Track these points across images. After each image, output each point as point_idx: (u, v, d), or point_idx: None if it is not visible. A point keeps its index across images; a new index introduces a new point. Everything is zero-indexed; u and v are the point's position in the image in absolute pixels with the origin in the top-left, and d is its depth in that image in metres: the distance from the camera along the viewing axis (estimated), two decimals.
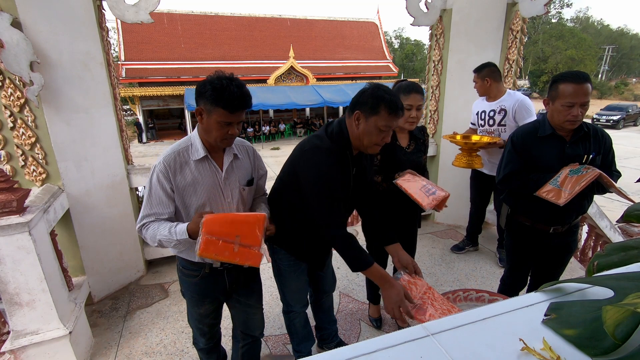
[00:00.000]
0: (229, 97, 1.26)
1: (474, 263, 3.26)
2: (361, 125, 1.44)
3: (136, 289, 2.95)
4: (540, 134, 1.84)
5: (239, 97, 1.29)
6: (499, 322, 0.63)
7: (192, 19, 22.65)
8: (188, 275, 1.57)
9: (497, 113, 2.89)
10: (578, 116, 1.67)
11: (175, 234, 1.36)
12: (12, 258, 1.85)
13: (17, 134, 2.29)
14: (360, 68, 24.74)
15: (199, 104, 1.32)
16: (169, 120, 22.41)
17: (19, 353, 1.96)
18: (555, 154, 1.80)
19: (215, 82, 1.27)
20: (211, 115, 1.30)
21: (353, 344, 0.58)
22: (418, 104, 1.88)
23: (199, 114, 1.34)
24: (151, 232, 1.39)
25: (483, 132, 3.00)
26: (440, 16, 3.63)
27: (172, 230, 1.37)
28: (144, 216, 1.42)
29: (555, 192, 1.66)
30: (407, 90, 1.89)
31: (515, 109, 2.78)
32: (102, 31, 2.66)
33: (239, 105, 1.30)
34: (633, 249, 0.73)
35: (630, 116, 21.58)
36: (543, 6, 2.88)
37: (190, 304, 1.66)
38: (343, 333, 2.38)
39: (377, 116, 1.39)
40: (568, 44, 33.46)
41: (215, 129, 1.33)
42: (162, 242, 1.39)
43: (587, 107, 1.69)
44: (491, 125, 2.96)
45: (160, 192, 1.38)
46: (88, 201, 2.64)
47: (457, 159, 2.96)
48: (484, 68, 2.86)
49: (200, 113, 1.33)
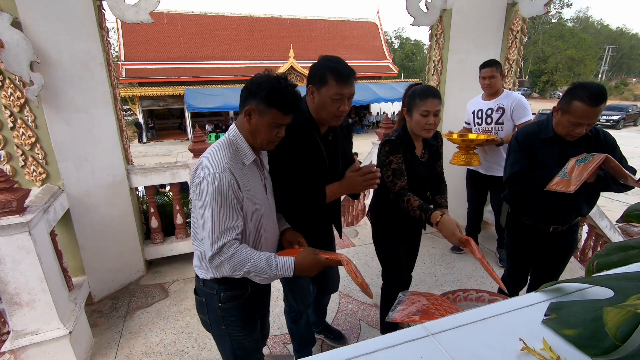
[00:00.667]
0: (286, 98, 1.19)
1: (474, 263, 3.25)
2: (316, 99, 1.45)
3: (136, 289, 2.95)
4: (542, 136, 1.83)
5: (296, 99, 1.22)
6: (499, 322, 0.63)
7: (192, 19, 22.66)
8: (233, 297, 1.35)
9: (495, 111, 2.91)
10: (582, 133, 1.68)
11: (277, 268, 1.19)
12: (12, 258, 1.85)
13: (17, 134, 2.29)
14: (360, 68, 24.69)
15: (249, 103, 1.21)
16: (169, 120, 22.43)
17: (19, 353, 1.96)
18: (556, 156, 1.80)
19: (273, 82, 1.19)
20: (264, 116, 1.21)
21: (353, 344, 0.58)
22: (436, 110, 1.69)
23: (247, 114, 1.22)
24: (239, 259, 1.17)
25: (480, 130, 3.02)
26: (440, 16, 3.63)
27: (271, 262, 1.19)
28: (223, 231, 1.16)
29: (564, 182, 1.62)
30: (424, 94, 1.69)
31: (513, 107, 2.82)
32: (102, 31, 2.66)
33: (295, 107, 1.23)
34: (633, 249, 0.73)
35: (630, 116, 21.58)
36: (543, 6, 2.88)
37: (239, 331, 1.40)
38: (347, 336, 2.38)
39: (326, 86, 1.41)
40: (568, 44, 33.47)
41: (265, 131, 1.23)
42: (249, 273, 1.19)
43: (594, 123, 1.67)
44: (489, 124, 2.97)
45: (234, 200, 1.19)
46: (88, 201, 2.64)
47: (455, 157, 2.98)
48: (499, 63, 2.87)
49: (249, 113, 1.22)
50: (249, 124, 1.25)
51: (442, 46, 3.68)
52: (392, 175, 1.74)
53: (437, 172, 1.97)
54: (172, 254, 3.30)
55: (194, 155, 3.14)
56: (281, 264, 1.20)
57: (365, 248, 3.51)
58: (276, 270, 1.19)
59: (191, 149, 3.14)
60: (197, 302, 1.45)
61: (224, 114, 21.30)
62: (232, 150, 1.25)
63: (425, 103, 1.68)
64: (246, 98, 1.23)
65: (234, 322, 1.38)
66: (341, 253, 1.37)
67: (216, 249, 1.16)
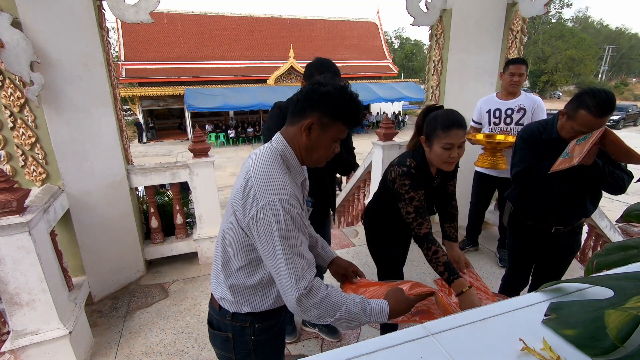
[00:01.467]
0: (353, 111, 1.06)
1: (474, 263, 3.25)
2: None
3: (136, 289, 2.95)
4: (545, 136, 1.82)
5: (361, 110, 1.12)
6: (499, 322, 0.63)
7: (192, 19, 22.66)
8: (268, 328, 1.21)
9: (516, 112, 2.83)
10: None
11: (370, 315, 1.02)
12: (12, 258, 1.85)
13: (17, 134, 2.29)
14: (360, 68, 24.75)
15: (310, 115, 1.05)
16: (169, 120, 22.43)
17: (19, 353, 1.96)
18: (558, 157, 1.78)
19: (339, 92, 1.04)
20: (327, 130, 1.06)
21: (353, 344, 0.58)
22: (460, 142, 1.47)
23: (307, 127, 1.05)
24: (331, 303, 0.99)
25: (496, 130, 2.94)
26: (440, 16, 3.63)
27: (365, 307, 1.02)
28: (305, 267, 0.99)
29: (566, 160, 1.59)
30: (447, 124, 1.46)
31: (534, 109, 2.78)
32: (102, 31, 2.66)
33: (360, 120, 1.11)
34: (632, 249, 0.73)
35: (630, 116, 21.59)
36: (543, 6, 2.88)
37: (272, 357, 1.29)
38: (343, 333, 2.38)
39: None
40: (568, 44, 33.45)
41: (325, 147, 1.09)
42: (339, 320, 1.00)
43: None
44: (508, 124, 2.88)
45: (305, 229, 1.05)
46: (88, 201, 2.64)
47: (480, 159, 2.88)
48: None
49: (310, 126, 1.05)
50: (307, 139, 1.07)
51: (442, 46, 3.68)
52: (414, 213, 1.55)
53: (448, 192, 1.81)
54: (172, 254, 3.30)
55: (194, 155, 3.15)
56: (375, 308, 1.03)
57: (365, 248, 3.50)
58: (370, 316, 1.01)
59: (191, 149, 3.14)
60: (216, 338, 1.22)
61: (224, 114, 21.29)
62: (284, 169, 1.08)
63: (449, 135, 1.45)
64: (305, 109, 1.06)
65: (266, 355, 1.24)
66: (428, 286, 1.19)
67: (304, 290, 0.97)
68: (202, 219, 3.25)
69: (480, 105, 3.05)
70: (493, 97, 2.99)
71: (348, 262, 1.40)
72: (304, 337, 2.36)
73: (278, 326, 1.24)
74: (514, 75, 2.74)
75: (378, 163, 3.77)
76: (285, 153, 1.09)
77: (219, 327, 1.20)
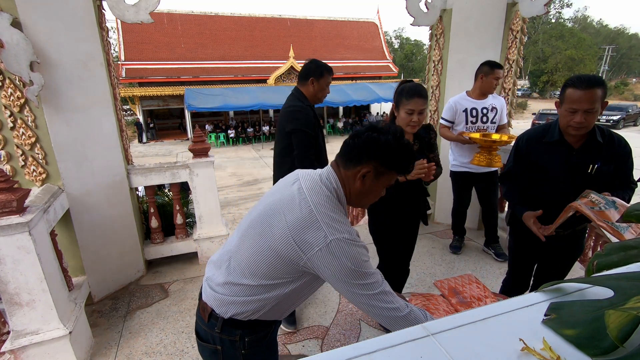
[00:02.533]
0: (407, 160, 1.09)
1: (474, 263, 3.26)
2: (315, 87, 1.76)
3: (136, 289, 2.95)
4: (547, 139, 1.77)
5: (413, 158, 1.14)
6: (499, 322, 0.63)
7: (192, 19, 22.65)
8: (258, 340, 1.17)
9: (490, 111, 3.00)
10: (582, 123, 1.59)
11: (427, 318, 1.10)
12: (12, 258, 1.85)
13: (17, 134, 2.29)
14: (360, 68, 24.74)
15: (366, 163, 1.06)
16: (169, 120, 22.41)
17: (19, 353, 1.96)
18: (561, 162, 1.73)
19: (402, 145, 1.06)
20: (380, 178, 1.09)
21: (353, 344, 0.58)
22: (420, 109, 1.83)
23: (362, 175, 1.06)
24: (415, 316, 1.06)
25: (473, 129, 3.05)
26: (440, 16, 3.63)
27: (427, 317, 1.09)
28: (390, 294, 1.04)
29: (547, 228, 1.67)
30: (410, 94, 1.84)
31: (503, 109, 3.06)
32: (102, 31, 2.66)
33: (410, 167, 1.13)
34: (633, 249, 0.73)
35: (630, 116, 21.56)
36: (543, 6, 2.89)
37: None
38: (343, 333, 2.38)
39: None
40: (568, 44, 33.46)
41: (376, 193, 1.13)
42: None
43: (594, 114, 1.58)
44: (484, 123, 3.03)
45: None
46: (88, 201, 2.64)
47: (476, 158, 2.96)
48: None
49: (365, 174, 1.07)
50: (361, 186, 1.09)
51: (442, 46, 3.68)
52: None
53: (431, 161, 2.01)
54: (172, 254, 3.30)
55: (194, 155, 3.15)
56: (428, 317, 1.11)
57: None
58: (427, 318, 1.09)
59: (191, 149, 3.15)
60: (204, 350, 1.18)
61: (224, 114, 21.28)
62: (341, 210, 1.08)
63: (410, 102, 1.81)
64: (363, 156, 1.06)
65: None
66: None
67: (406, 313, 1.03)
68: (202, 219, 3.25)
69: (455, 105, 3.10)
70: (466, 97, 3.07)
71: None
72: (304, 337, 2.36)
73: (268, 337, 1.21)
74: (498, 79, 2.92)
75: None
76: (338, 193, 1.09)
77: (207, 339, 1.15)
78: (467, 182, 3.23)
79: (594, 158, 1.69)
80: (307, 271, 1.04)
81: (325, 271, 1.00)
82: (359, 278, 0.99)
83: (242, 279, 1.07)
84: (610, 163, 1.69)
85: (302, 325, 2.47)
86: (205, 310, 1.13)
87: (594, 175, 1.69)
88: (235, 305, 1.08)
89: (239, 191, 10.63)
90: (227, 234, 3.33)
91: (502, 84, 3.51)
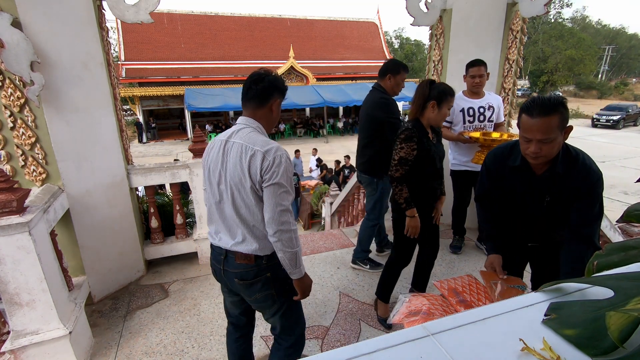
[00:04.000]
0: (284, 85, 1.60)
1: (474, 263, 3.26)
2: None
3: (136, 289, 2.95)
4: (510, 163, 1.61)
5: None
6: (499, 322, 0.63)
7: (192, 19, 22.66)
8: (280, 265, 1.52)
9: (487, 109, 3.02)
10: (537, 152, 1.42)
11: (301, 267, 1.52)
12: (12, 258, 1.85)
13: (17, 134, 2.29)
14: (360, 68, 24.74)
15: (275, 95, 1.55)
16: (169, 120, 22.42)
17: (19, 353, 1.97)
18: (524, 187, 1.61)
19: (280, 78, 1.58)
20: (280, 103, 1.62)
21: (353, 344, 0.58)
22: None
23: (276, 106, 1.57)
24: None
25: (471, 128, 3.07)
26: (440, 16, 3.63)
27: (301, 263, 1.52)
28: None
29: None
30: (452, 93, 2.13)
31: (500, 107, 3.08)
32: (102, 31, 2.66)
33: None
34: (633, 249, 0.73)
35: (630, 116, 21.58)
36: (543, 6, 2.88)
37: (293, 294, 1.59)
38: (343, 333, 2.38)
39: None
40: (568, 44, 33.45)
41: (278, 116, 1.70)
42: (295, 255, 1.46)
43: (552, 143, 1.40)
44: (482, 122, 3.05)
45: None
46: (88, 201, 2.64)
47: (477, 156, 2.99)
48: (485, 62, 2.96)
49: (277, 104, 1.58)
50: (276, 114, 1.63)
51: (442, 46, 3.68)
52: (398, 160, 2.08)
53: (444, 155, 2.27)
54: (172, 254, 3.30)
55: (194, 155, 3.15)
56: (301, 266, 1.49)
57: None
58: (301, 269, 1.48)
59: (191, 149, 3.15)
60: (256, 285, 1.52)
61: (224, 114, 21.29)
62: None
63: (452, 100, 2.13)
64: (271, 93, 1.53)
65: (290, 286, 1.54)
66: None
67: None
68: (202, 219, 3.25)
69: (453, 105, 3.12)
70: (462, 97, 3.09)
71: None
72: None
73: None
74: (474, 77, 2.95)
75: None
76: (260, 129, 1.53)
77: (257, 274, 1.50)
78: (467, 180, 3.23)
79: (552, 188, 1.55)
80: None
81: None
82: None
83: (260, 221, 1.46)
84: (563, 195, 1.54)
85: None
86: (248, 258, 1.48)
87: (548, 207, 1.59)
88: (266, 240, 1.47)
89: None
90: None
91: (502, 84, 3.51)
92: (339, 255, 3.39)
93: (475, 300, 1.51)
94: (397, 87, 2.65)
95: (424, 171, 2.12)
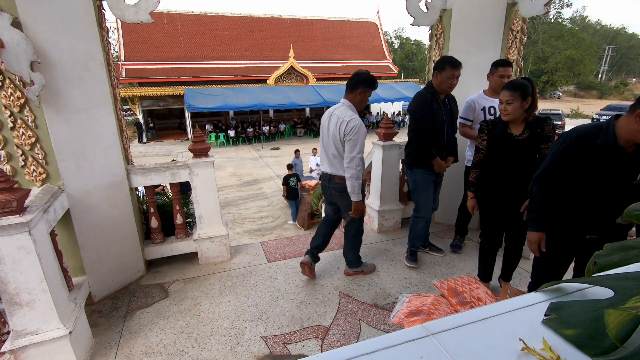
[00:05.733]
0: (372, 79, 2.71)
1: (474, 263, 3.25)
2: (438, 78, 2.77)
3: (136, 289, 2.95)
4: (600, 141, 1.60)
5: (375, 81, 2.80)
6: (499, 322, 0.63)
7: (192, 19, 22.66)
8: None
9: None
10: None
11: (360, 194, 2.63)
12: (12, 258, 1.85)
13: (17, 134, 2.29)
14: (360, 68, 24.70)
15: (360, 86, 2.72)
16: (169, 120, 22.42)
17: (19, 353, 1.97)
18: (601, 167, 1.59)
19: (368, 73, 2.69)
20: (366, 92, 2.72)
21: (353, 344, 0.58)
22: (507, 99, 2.19)
23: (360, 93, 2.72)
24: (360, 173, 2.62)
25: None
26: (440, 16, 3.63)
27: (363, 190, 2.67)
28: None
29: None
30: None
31: None
32: (102, 31, 2.66)
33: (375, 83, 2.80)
34: (633, 249, 0.73)
35: None
36: (543, 6, 2.89)
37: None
38: (343, 333, 2.38)
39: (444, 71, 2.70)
40: (567, 44, 33.46)
41: (365, 101, 2.83)
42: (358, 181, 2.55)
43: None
44: None
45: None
46: (88, 201, 2.64)
47: None
48: None
49: (361, 92, 2.70)
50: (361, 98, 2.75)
51: (442, 46, 3.68)
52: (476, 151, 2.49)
53: (536, 153, 2.29)
54: (172, 254, 3.30)
55: (194, 155, 3.15)
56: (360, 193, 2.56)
57: (365, 248, 3.51)
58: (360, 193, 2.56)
59: (191, 149, 3.14)
60: (346, 193, 2.62)
61: (224, 114, 21.29)
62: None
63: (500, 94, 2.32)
64: (357, 84, 2.70)
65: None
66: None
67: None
68: (202, 219, 3.25)
69: (473, 104, 3.12)
70: (483, 96, 3.09)
71: None
72: (304, 337, 2.36)
73: None
74: (503, 77, 2.90)
75: (378, 163, 3.77)
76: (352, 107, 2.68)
77: (345, 189, 2.60)
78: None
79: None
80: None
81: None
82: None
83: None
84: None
85: (302, 325, 2.47)
86: (341, 179, 2.61)
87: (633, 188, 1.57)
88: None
89: (239, 191, 10.62)
90: (227, 234, 3.34)
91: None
92: (339, 255, 3.39)
93: (476, 300, 1.51)
94: (443, 84, 2.76)
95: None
